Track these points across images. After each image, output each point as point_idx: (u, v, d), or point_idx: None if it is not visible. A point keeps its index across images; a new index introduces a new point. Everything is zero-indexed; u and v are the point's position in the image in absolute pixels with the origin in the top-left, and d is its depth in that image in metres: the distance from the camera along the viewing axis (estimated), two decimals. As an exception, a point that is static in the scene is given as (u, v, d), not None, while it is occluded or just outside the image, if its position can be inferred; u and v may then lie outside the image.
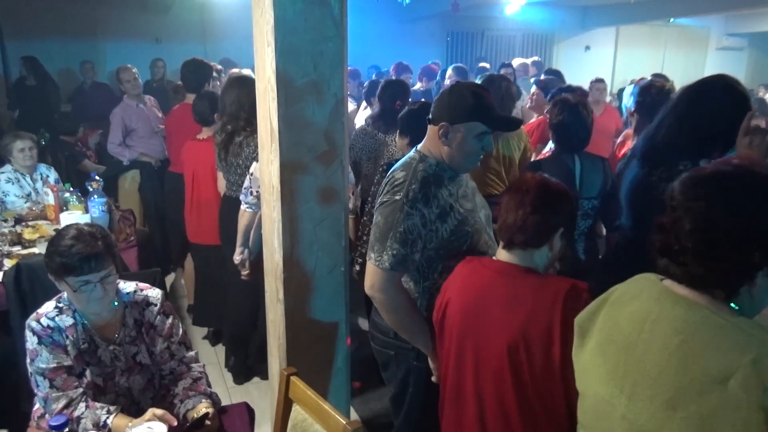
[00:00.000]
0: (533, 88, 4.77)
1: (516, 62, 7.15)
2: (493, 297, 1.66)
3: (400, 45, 9.45)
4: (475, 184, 2.17)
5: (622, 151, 3.54)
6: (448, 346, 1.78)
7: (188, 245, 3.99)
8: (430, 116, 1.93)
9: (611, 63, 11.43)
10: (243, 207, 3.07)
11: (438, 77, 6.69)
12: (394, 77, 5.53)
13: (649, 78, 4.92)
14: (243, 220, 3.08)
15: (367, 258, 1.86)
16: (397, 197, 1.80)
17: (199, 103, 3.63)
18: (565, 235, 1.70)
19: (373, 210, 1.93)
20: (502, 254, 1.73)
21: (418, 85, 6.76)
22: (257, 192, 2.94)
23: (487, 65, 7.60)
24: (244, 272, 3.14)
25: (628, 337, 1.16)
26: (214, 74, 4.66)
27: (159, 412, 1.80)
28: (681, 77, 5.66)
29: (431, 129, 1.92)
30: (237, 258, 3.12)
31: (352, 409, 2.90)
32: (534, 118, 4.51)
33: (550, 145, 3.15)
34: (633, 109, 3.46)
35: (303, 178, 2.28)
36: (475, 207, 1.95)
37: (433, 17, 9.95)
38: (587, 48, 11.40)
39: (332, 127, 2.28)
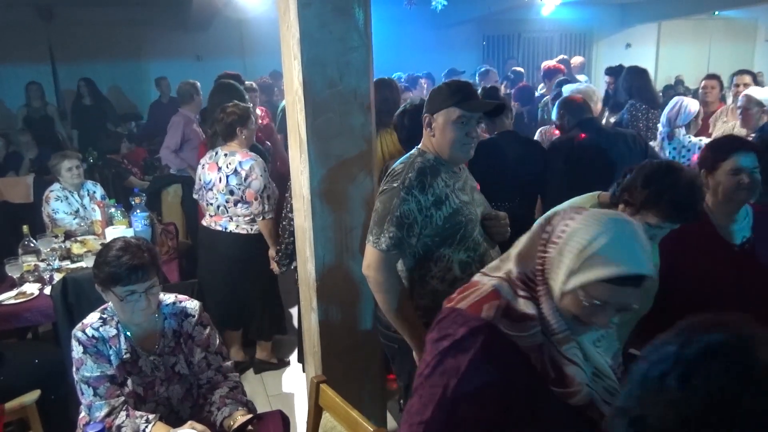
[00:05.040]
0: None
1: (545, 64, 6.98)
2: None
3: (437, 51, 9.44)
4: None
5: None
6: None
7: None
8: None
9: (654, 60, 11.12)
10: None
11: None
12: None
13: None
14: None
15: (366, 241, 1.98)
16: (395, 185, 1.92)
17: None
18: None
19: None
20: None
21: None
22: (197, 187, 3.55)
23: (521, 69, 7.50)
24: None
25: None
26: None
27: (199, 427, 1.85)
28: (728, 71, 5.44)
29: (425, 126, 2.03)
30: None
31: (390, 416, 2.90)
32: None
33: None
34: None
35: (332, 188, 2.31)
36: (472, 201, 2.05)
37: (468, 22, 9.90)
38: (628, 45, 11.11)
39: (360, 136, 2.31)
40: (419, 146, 2.06)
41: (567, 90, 4.08)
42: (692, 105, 3.41)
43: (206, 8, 7.45)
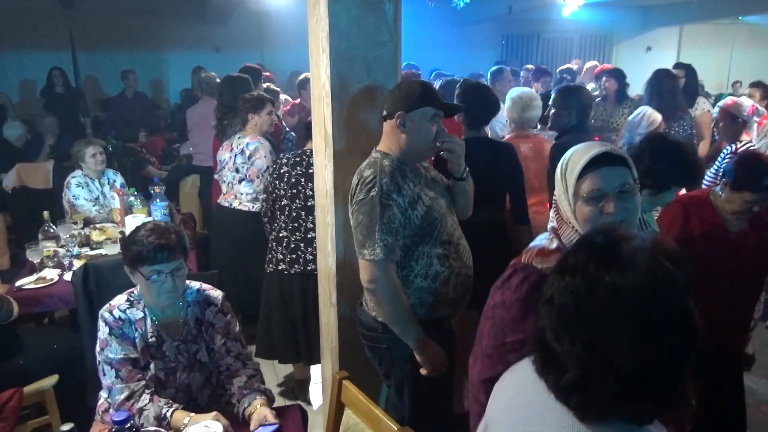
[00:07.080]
0: None
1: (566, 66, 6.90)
2: None
3: (455, 49, 9.39)
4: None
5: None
6: None
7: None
8: (385, 113, 2.05)
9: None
10: None
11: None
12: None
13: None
14: None
15: (359, 256, 2.00)
16: (373, 193, 1.95)
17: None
18: None
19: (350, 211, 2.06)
20: None
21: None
22: (219, 168, 3.75)
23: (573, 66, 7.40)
24: None
25: None
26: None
27: (224, 421, 1.84)
28: (750, 78, 5.37)
29: (387, 125, 2.06)
30: None
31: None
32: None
33: None
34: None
35: (356, 183, 2.29)
36: (437, 194, 2.12)
37: (488, 21, 9.85)
38: (648, 49, 11.01)
39: (385, 132, 2.29)
40: (378, 148, 2.08)
41: (514, 92, 3.57)
42: (655, 116, 3.38)
43: (226, 0, 7.48)
